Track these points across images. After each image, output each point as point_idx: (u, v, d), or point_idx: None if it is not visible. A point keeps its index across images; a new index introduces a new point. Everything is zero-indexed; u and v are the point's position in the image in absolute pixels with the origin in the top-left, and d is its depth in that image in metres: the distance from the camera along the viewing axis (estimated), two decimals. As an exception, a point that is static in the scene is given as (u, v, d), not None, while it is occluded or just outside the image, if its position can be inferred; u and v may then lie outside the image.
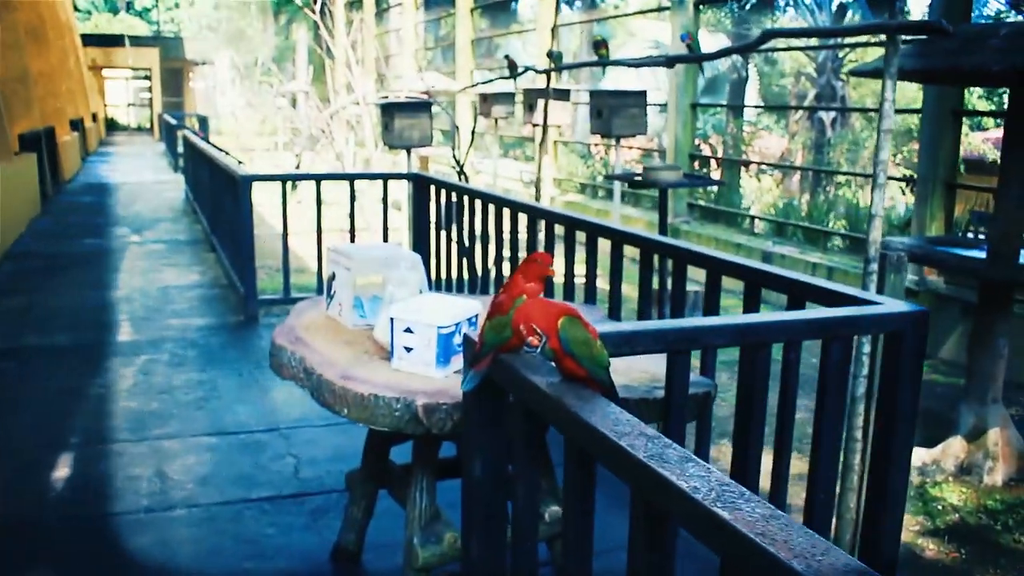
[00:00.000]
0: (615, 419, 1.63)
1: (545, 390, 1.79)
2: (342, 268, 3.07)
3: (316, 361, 2.65)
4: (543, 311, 1.83)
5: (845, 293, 2.89)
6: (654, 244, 3.86)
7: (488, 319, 2.03)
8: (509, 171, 15.63)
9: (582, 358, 1.80)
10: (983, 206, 8.49)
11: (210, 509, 3.70)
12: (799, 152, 20.91)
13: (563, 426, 1.74)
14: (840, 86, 17.04)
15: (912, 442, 2.79)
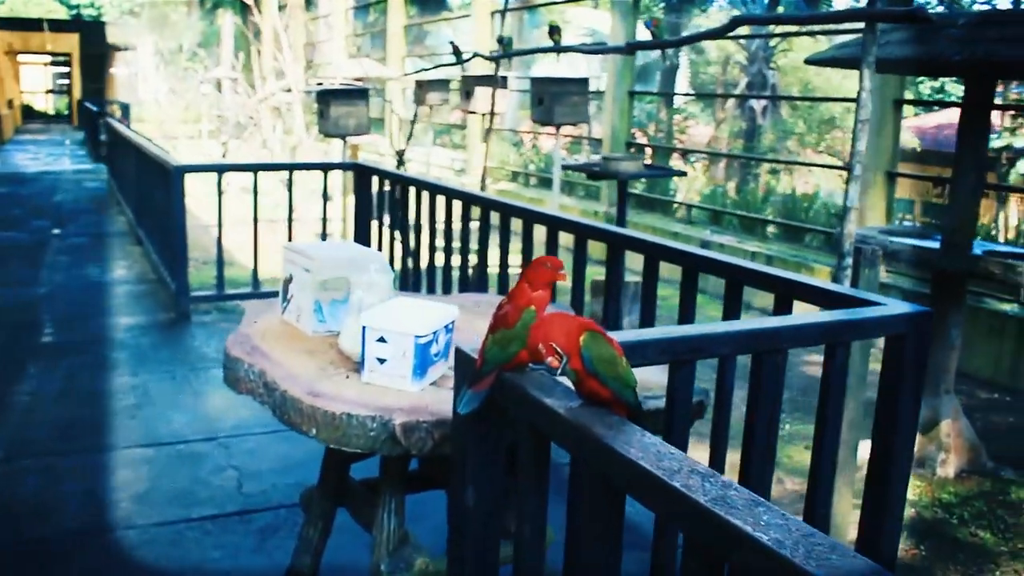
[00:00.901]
0: (657, 452, 1.41)
1: (565, 416, 1.56)
2: (300, 269, 2.79)
3: (278, 375, 2.38)
4: (563, 327, 1.60)
5: (838, 292, 2.72)
6: (622, 239, 3.66)
7: (490, 332, 1.79)
8: (441, 159, 15.34)
9: (607, 378, 1.58)
10: (922, 195, 8.51)
11: (148, 531, 3.38)
12: (725, 140, 21.01)
13: (589, 458, 1.51)
14: (772, 74, 17.10)
15: (913, 449, 2.64)
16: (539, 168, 14.96)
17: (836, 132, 21.44)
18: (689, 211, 11.32)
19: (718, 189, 13.46)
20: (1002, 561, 4.39)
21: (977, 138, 5.16)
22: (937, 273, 5.25)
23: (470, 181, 12.63)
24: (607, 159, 5.77)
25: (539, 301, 1.80)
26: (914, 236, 5.73)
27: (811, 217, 10.03)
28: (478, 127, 12.65)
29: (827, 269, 8.43)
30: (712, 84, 20.96)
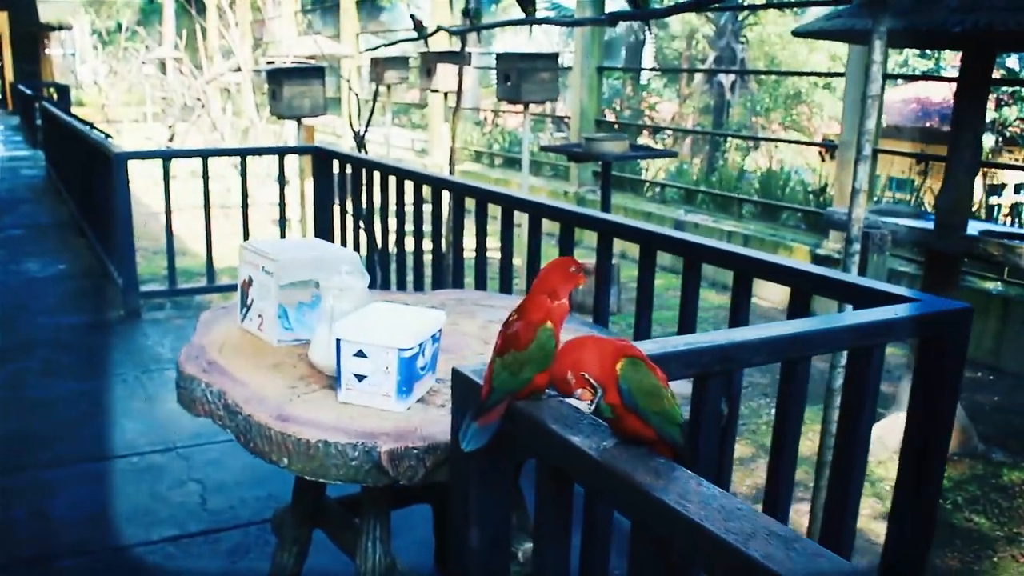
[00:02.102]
0: (722, 507, 1.17)
1: (598, 459, 1.32)
2: (261, 271, 2.52)
3: (241, 396, 2.11)
4: (595, 352, 1.35)
5: (862, 285, 2.50)
6: (614, 226, 3.41)
7: (498, 354, 1.54)
8: (401, 140, 15.01)
9: (650, 414, 1.33)
10: (905, 172, 8.37)
11: (103, 556, 3.10)
12: (690, 116, 20.82)
13: (634, 513, 1.27)
14: (740, 48, 16.91)
15: (945, 457, 2.43)
16: (504, 148, 14.67)
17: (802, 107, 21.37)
18: (662, 190, 11.11)
19: (683, 166, 13.25)
20: (999, 547, 4.26)
21: (974, 115, 4.98)
22: (931, 254, 5.07)
23: (433, 162, 12.32)
24: (589, 139, 5.51)
25: (557, 315, 1.55)
26: (905, 216, 5.55)
27: (788, 195, 9.85)
28: (440, 106, 12.33)
29: (805, 248, 8.27)
30: (677, 59, 20.75)
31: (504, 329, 1.56)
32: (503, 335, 1.55)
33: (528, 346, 1.50)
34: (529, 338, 1.50)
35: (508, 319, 1.57)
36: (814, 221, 9.00)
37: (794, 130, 20.22)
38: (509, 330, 1.54)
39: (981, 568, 4.01)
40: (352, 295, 2.30)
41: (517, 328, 1.53)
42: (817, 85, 20.34)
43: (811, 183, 10.25)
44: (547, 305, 1.53)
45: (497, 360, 1.52)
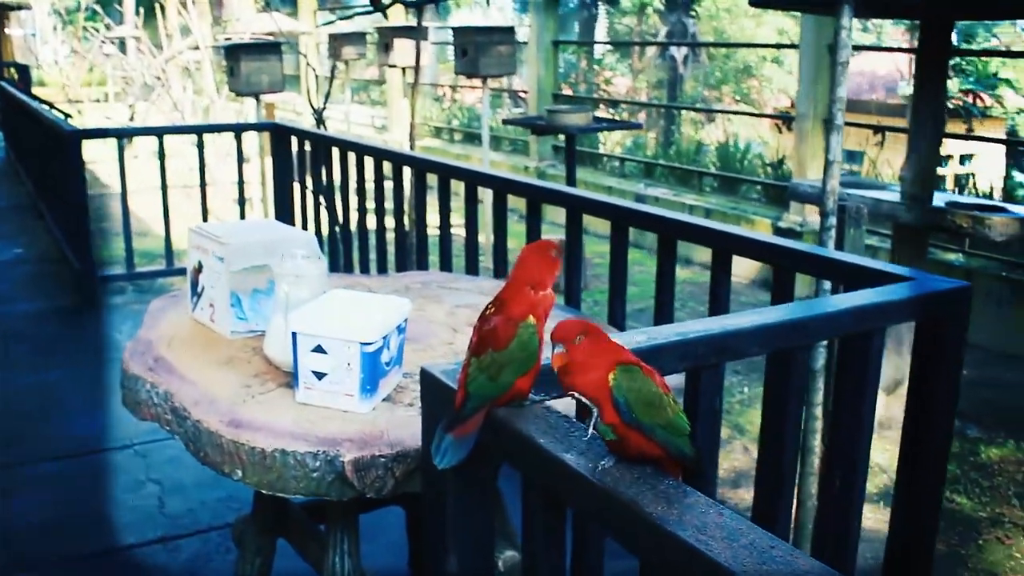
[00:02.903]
0: (753, 545, 0.94)
1: (596, 483, 1.09)
2: (212, 256, 2.25)
3: (189, 397, 1.85)
4: (590, 361, 1.12)
5: (852, 263, 2.29)
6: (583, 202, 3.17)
7: (475, 355, 1.29)
8: (360, 116, 14.64)
9: (654, 428, 1.10)
10: (861, 145, 8.21)
11: (53, 570, 2.81)
12: (644, 90, 20.58)
13: (642, 549, 1.04)
14: (691, 23, 16.68)
15: (949, 443, 2.24)
16: (463, 123, 14.35)
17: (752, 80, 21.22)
18: (621, 164, 10.87)
19: (638, 140, 13.04)
20: (983, 528, 4.11)
21: (935, 85, 4.79)
22: (899, 227, 4.89)
23: (392, 138, 11.99)
24: (552, 112, 5.25)
25: (542, 309, 1.30)
26: (868, 187, 5.37)
27: (746, 168, 9.66)
28: (398, 82, 11.98)
29: (767, 222, 8.09)
30: (628, 34, 20.49)
31: (480, 324, 1.31)
32: (479, 331, 1.30)
33: (508, 345, 1.25)
34: (509, 336, 1.26)
35: (485, 312, 1.32)
36: (774, 194, 8.82)
37: (745, 103, 20.07)
38: (486, 326, 1.29)
39: (968, 552, 3.86)
40: (309, 281, 2.04)
41: (495, 324, 1.28)
42: (766, 59, 20.20)
43: (766, 156, 10.07)
44: (530, 297, 1.29)
45: (473, 361, 1.28)
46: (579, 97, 13.25)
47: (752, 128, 15.58)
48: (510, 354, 1.25)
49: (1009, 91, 17.50)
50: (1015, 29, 16.74)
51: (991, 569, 3.87)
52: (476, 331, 1.30)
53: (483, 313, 1.32)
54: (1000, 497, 4.45)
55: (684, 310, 6.62)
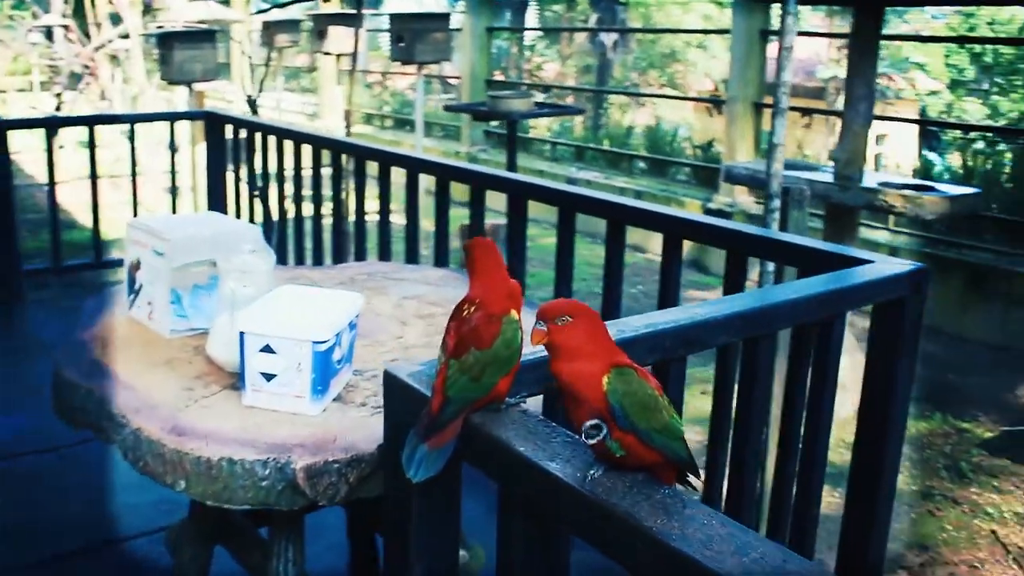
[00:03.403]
0: (764, 558, 0.85)
1: (587, 495, 0.98)
2: (151, 252, 2.09)
3: (128, 403, 1.70)
4: (581, 348, 1.01)
5: (806, 247, 2.22)
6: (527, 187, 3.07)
7: (454, 356, 1.17)
8: (292, 104, 14.32)
9: (651, 433, 1.00)
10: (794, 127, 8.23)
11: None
12: (573, 75, 20.51)
13: (643, 568, 0.94)
14: (620, 9, 16.66)
15: (905, 425, 2.19)
16: (395, 110, 14.12)
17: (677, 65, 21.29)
18: (553, 148, 10.79)
19: (565, 124, 12.94)
20: (915, 502, 4.13)
21: (867, 69, 4.78)
22: (831, 207, 4.87)
23: (325, 126, 11.73)
24: (494, 97, 5.12)
25: (518, 302, 1.20)
26: (800, 169, 5.35)
27: (675, 151, 9.64)
28: (332, 69, 11.73)
29: (697, 203, 8.08)
30: (558, 20, 20.40)
31: (457, 325, 1.20)
32: (457, 332, 1.19)
33: (493, 343, 1.14)
34: (493, 333, 1.15)
35: (460, 311, 1.20)
36: (703, 175, 8.82)
37: (671, 87, 20.13)
38: (465, 325, 1.18)
39: (900, 525, 3.86)
40: (256, 278, 1.90)
41: (476, 322, 1.17)
42: (691, 44, 20.27)
43: (693, 138, 10.06)
44: (506, 292, 1.18)
45: (453, 364, 1.16)
46: (511, 83, 13.12)
47: (677, 111, 15.61)
48: (495, 353, 1.15)
49: (920, 74, 17.84)
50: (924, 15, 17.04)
51: (924, 542, 3.89)
52: (453, 332, 1.19)
53: (458, 312, 1.21)
54: (930, 470, 4.48)
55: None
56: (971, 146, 10.79)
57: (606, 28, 15.78)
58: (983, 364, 5.92)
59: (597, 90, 14.95)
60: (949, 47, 16.35)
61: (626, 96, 15.05)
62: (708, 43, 19.47)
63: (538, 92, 14.55)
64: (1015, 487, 4.36)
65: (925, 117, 15.59)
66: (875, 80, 4.90)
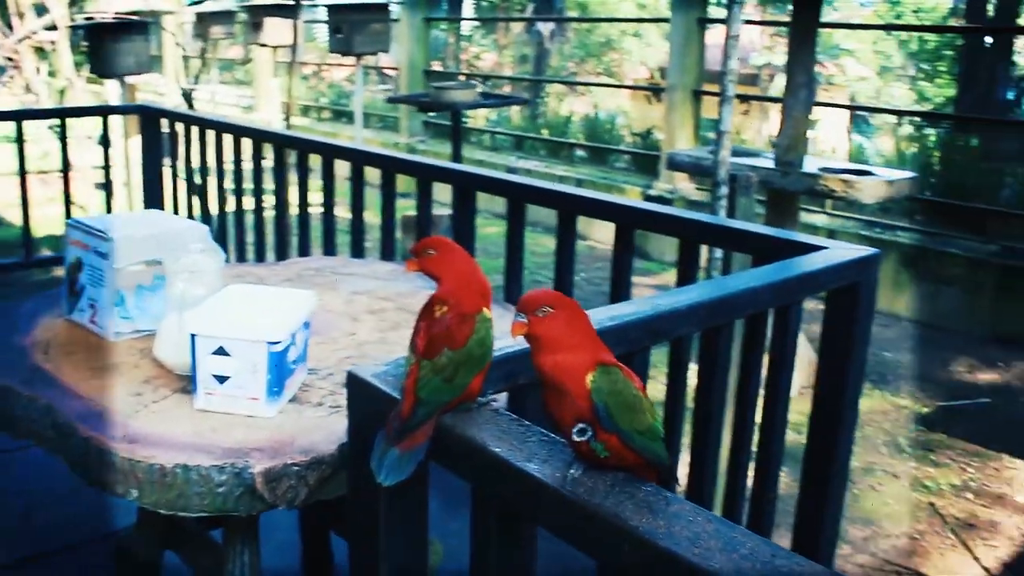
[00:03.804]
0: (753, 553, 0.83)
1: (567, 496, 0.95)
2: (93, 253, 2.01)
3: (73, 411, 1.62)
4: (564, 341, 0.98)
5: (760, 234, 2.22)
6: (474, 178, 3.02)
7: (426, 357, 1.13)
8: (226, 97, 14.05)
9: (632, 435, 0.97)
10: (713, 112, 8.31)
11: None
12: (509, 65, 20.46)
13: (631, 568, 0.91)
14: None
15: (858, 407, 2.20)
16: (332, 101, 13.93)
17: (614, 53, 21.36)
18: (492, 137, 10.75)
19: (502, 113, 12.91)
20: (856, 477, 4.18)
21: (806, 56, 4.82)
22: (773, 192, 4.91)
23: (261, 118, 11.53)
24: (438, 88, 5.05)
25: (488, 299, 1.16)
26: (741, 155, 5.39)
27: (614, 139, 9.66)
28: (268, 61, 11.53)
29: (637, 189, 8.10)
30: (494, 10, 20.33)
31: (426, 324, 1.15)
32: (427, 332, 1.14)
33: (466, 343, 1.11)
34: (467, 332, 1.11)
35: (430, 311, 1.16)
36: (643, 163, 8.85)
37: (607, 75, 20.19)
38: (437, 325, 1.14)
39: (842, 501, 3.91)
40: (205, 277, 1.83)
41: (449, 321, 1.13)
42: (626, 33, 20.36)
43: (632, 127, 10.09)
44: (477, 289, 1.15)
45: (426, 364, 1.12)
46: (449, 73, 13.02)
47: (614, 100, 15.65)
48: (468, 352, 1.11)
49: (850, 60, 18.15)
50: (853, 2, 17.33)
51: (866, 517, 3.94)
52: (423, 332, 1.15)
53: (427, 313, 1.16)
54: (871, 446, 4.54)
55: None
56: (899, 131, 11.01)
57: (543, 18, 15.77)
58: (917, 342, 6.03)
59: (536, 79, 14.93)
60: (877, 34, 16.63)
61: (564, 85, 15.04)
62: (643, 31, 19.58)
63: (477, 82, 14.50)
64: (951, 460, 4.45)
65: (855, 103, 15.88)
66: (814, 67, 4.94)
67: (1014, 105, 12.37)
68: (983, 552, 3.67)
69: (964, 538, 3.76)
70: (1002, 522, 3.89)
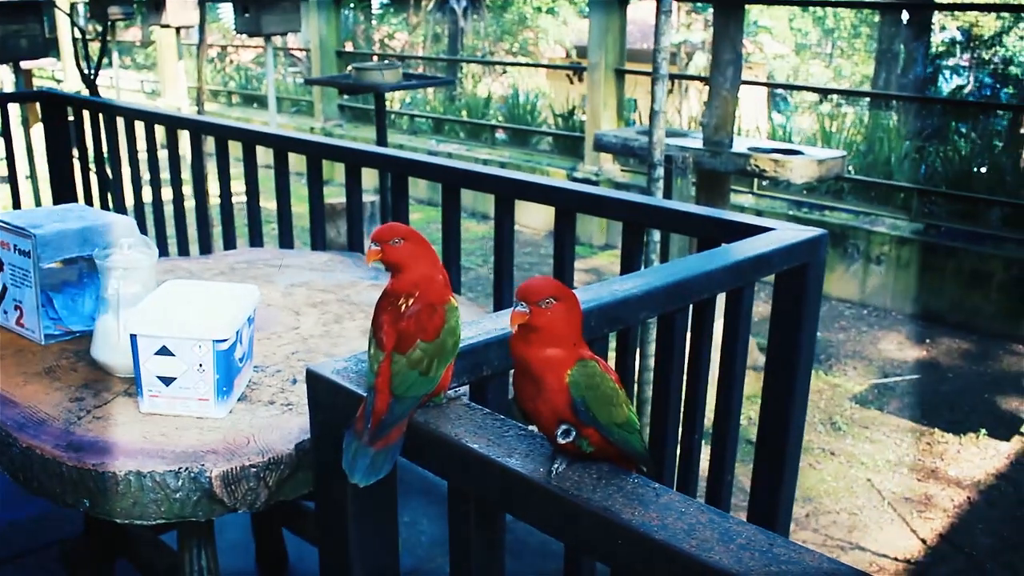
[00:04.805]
0: (751, 543, 0.86)
1: (553, 491, 0.97)
2: (13, 251, 1.95)
3: (10, 420, 1.58)
4: (558, 334, 0.99)
5: (701, 215, 2.26)
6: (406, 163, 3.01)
7: (398, 351, 1.13)
8: (129, 82, 13.68)
9: (611, 428, 0.99)
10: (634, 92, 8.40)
11: None
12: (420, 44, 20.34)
13: (626, 564, 0.92)
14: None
15: (808, 392, 2.26)
16: (241, 85, 13.67)
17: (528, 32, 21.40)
18: (411, 120, 10.68)
19: (416, 96, 12.84)
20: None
21: (735, 33, 4.91)
22: (703, 173, 5.00)
23: (167, 104, 11.27)
24: (360, 69, 4.99)
25: (449, 286, 1.17)
26: (669, 135, 5.46)
27: (536, 120, 9.69)
28: (171, 44, 11.24)
29: (562, 172, 8.16)
30: (406, -11, 20.16)
31: (390, 316, 1.15)
32: (394, 325, 1.14)
33: (439, 334, 1.11)
34: (438, 324, 1.12)
35: (394, 304, 1.15)
36: (566, 144, 8.90)
37: (523, 55, 20.22)
38: (405, 318, 1.14)
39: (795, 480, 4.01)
40: (139, 274, 1.80)
41: (418, 312, 1.13)
42: (540, 9, 20.40)
43: (554, 107, 10.13)
44: (439, 278, 1.15)
45: (399, 359, 1.12)
46: (362, 54, 12.89)
47: (532, 79, 15.69)
48: (441, 343, 1.12)
49: (767, 37, 18.50)
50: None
51: (807, 495, 4.07)
52: (387, 326, 1.14)
53: (390, 306, 1.16)
54: (808, 425, 4.66)
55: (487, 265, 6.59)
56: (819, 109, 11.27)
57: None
58: (847, 321, 6.22)
59: (454, 59, 14.88)
60: (793, 10, 17.00)
61: (480, 65, 15.02)
62: (558, 8, 19.65)
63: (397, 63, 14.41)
64: (885, 436, 4.61)
65: (772, 80, 16.21)
66: (741, 44, 5.03)
67: (930, 83, 12.77)
68: (919, 524, 3.82)
69: (901, 512, 3.91)
70: (936, 495, 4.05)
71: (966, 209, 6.53)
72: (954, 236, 6.24)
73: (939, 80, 13.30)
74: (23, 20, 6.18)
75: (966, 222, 6.41)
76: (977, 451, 4.43)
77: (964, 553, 3.64)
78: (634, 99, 8.56)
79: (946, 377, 5.33)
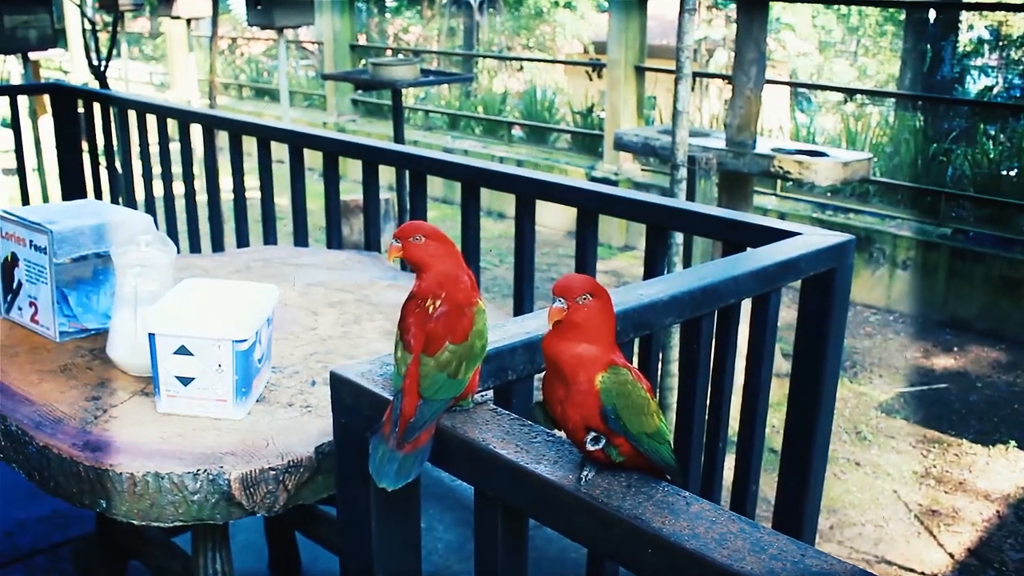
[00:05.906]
0: (783, 554, 0.86)
1: (584, 498, 0.98)
2: (29, 247, 1.97)
3: (26, 418, 1.60)
4: (591, 332, 1.01)
5: (726, 218, 2.27)
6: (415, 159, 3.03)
7: (427, 352, 1.14)
8: (138, 74, 13.75)
9: (640, 438, 1.00)
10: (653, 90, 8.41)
11: None
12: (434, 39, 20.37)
13: (650, 568, 0.94)
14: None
15: (835, 397, 2.27)
16: (252, 78, 13.73)
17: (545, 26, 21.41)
18: (426, 116, 10.71)
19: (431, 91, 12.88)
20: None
21: (757, 31, 4.91)
22: (725, 174, 5.00)
23: (176, 96, 11.33)
24: (376, 65, 5.01)
25: (475, 287, 1.18)
26: (692, 135, 5.46)
27: (553, 117, 9.69)
28: (181, 36, 11.32)
29: (581, 171, 8.17)
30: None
31: (417, 318, 1.16)
32: (420, 327, 1.15)
33: (468, 336, 1.13)
34: (467, 326, 1.14)
35: (422, 306, 1.17)
36: (585, 142, 8.90)
37: (539, 50, 20.23)
38: (431, 319, 1.15)
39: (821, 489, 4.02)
40: (157, 272, 1.82)
41: (446, 314, 1.14)
42: (558, 4, 20.41)
43: (572, 104, 10.13)
44: (466, 280, 1.17)
45: (428, 361, 1.13)
46: (378, 47, 12.92)
47: (549, 75, 15.69)
48: (470, 346, 1.13)
49: (790, 35, 18.45)
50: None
51: (831, 506, 4.07)
52: (415, 327, 1.15)
53: (417, 308, 1.17)
54: (833, 434, 4.67)
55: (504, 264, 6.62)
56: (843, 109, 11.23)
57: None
58: (873, 327, 6.21)
59: (471, 54, 14.89)
60: (816, 8, 16.94)
61: (498, 60, 15.03)
62: (575, 3, 19.64)
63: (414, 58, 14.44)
64: (911, 447, 4.61)
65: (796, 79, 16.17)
66: (765, 42, 5.03)
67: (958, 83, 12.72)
68: (946, 538, 3.81)
69: (928, 525, 3.90)
70: (964, 508, 4.04)
71: (994, 213, 6.50)
72: (982, 241, 6.22)
73: (967, 80, 13.24)
74: (32, 11, 6.23)
75: (995, 227, 6.39)
76: (1007, 463, 4.42)
77: (993, 568, 3.64)
78: (653, 96, 8.57)
79: (975, 386, 5.31)
